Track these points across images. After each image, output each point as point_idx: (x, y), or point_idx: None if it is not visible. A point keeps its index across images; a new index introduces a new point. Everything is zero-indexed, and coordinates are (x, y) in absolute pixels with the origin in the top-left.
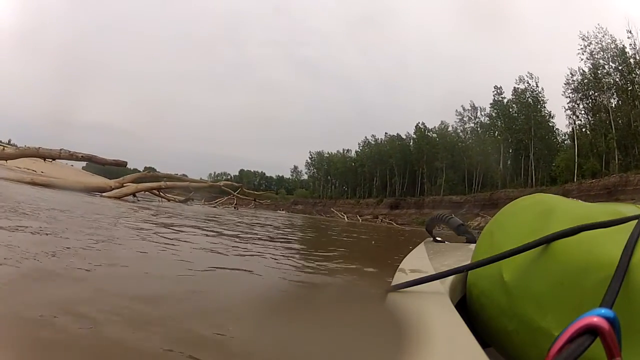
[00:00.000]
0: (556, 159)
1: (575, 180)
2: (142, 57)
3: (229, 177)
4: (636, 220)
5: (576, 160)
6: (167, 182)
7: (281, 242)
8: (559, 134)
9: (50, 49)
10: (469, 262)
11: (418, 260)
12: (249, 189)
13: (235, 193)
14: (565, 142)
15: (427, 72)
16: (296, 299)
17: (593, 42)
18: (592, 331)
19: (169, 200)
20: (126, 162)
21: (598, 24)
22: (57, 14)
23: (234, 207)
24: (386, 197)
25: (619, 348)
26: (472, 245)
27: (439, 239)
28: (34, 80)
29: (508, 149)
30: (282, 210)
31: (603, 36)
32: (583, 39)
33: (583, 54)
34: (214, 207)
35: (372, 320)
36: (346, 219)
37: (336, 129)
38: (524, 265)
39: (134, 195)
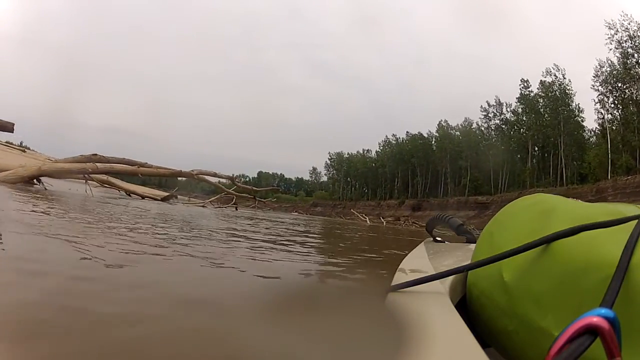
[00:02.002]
0: (587, 155)
1: (609, 177)
2: (157, 60)
3: (247, 179)
4: (636, 220)
5: (609, 157)
6: (99, 165)
7: None
8: (585, 130)
9: (61, 50)
10: (469, 262)
11: (418, 260)
12: (266, 190)
13: (230, 190)
14: (591, 139)
15: (443, 71)
16: (294, 299)
17: (620, 30)
18: (592, 331)
19: (131, 195)
20: (13, 124)
21: (622, 11)
22: (70, 16)
23: (234, 208)
24: (408, 198)
25: (619, 348)
26: (472, 245)
27: (439, 239)
28: (46, 83)
29: (535, 145)
30: (296, 212)
31: (629, 24)
32: (609, 28)
33: (611, 43)
34: (203, 206)
35: (372, 320)
36: (368, 221)
37: (355, 131)
38: (524, 265)
39: (39, 181)
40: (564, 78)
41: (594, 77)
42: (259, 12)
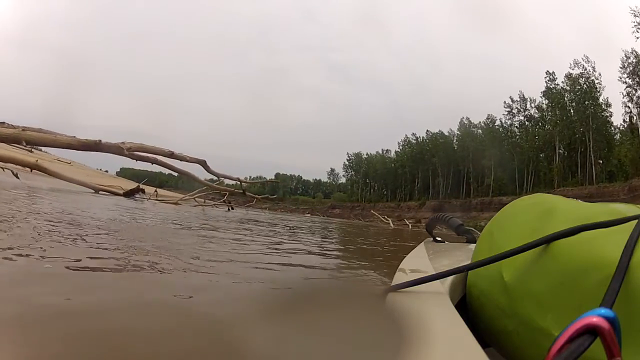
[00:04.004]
0: (617, 151)
1: None
2: (167, 62)
3: (264, 180)
4: (636, 220)
5: None
6: None
7: None
8: (611, 126)
9: (68, 52)
10: (469, 262)
11: (418, 260)
12: (285, 192)
13: (214, 184)
14: (616, 136)
15: (458, 72)
16: (292, 299)
17: None
18: (592, 331)
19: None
20: None
21: None
22: (82, 19)
23: (228, 207)
24: (429, 199)
25: (619, 348)
26: (472, 245)
27: (439, 239)
28: (52, 84)
29: (562, 142)
30: (309, 213)
31: None
32: (635, 15)
33: (637, 31)
34: (177, 204)
35: (372, 320)
36: (392, 224)
37: (373, 132)
38: (524, 265)
39: None
40: (594, 70)
41: (620, 68)
42: (272, 15)
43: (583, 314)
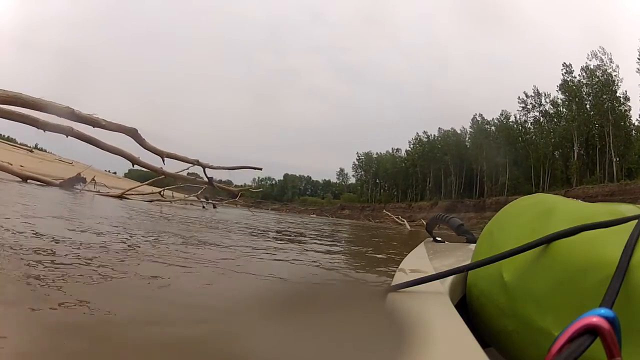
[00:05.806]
0: (637, 147)
1: None
2: (174, 62)
3: (273, 181)
4: (636, 220)
5: None
6: None
7: None
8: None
9: (72, 52)
10: (469, 262)
11: (418, 260)
12: (293, 193)
13: (176, 173)
14: (631, 133)
15: (467, 73)
16: (292, 298)
17: None
18: (592, 331)
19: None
20: None
21: None
22: (84, 19)
23: (204, 204)
24: (441, 199)
25: (619, 348)
26: (472, 245)
27: (439, 239)
28: (58, 85)
29: (579, 138)
30: (315, 214)
31: None
32: None
33: None
34: (121, 197)
35: (372, 320)
36: (408, 226)
37: (382, 132)
38: (524, 265)
39: None
40: (611, 62)
41: (638, 60)
42: (280, 17)
43: (583, 314)
